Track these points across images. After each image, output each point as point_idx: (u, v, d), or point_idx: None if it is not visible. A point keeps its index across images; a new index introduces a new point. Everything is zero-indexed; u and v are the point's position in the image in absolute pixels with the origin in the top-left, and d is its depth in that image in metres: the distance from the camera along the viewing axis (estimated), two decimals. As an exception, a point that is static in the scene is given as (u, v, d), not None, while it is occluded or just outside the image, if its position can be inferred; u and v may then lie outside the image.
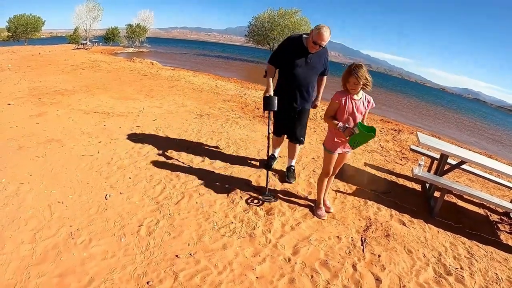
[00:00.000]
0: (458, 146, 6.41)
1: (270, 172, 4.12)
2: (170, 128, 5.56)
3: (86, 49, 27.98)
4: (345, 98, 2.90)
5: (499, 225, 3.98)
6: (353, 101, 2.92)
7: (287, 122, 3.89)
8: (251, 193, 3.60)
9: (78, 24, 40.81)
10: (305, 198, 3.68)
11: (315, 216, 3.32)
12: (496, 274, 2.91)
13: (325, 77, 3.92)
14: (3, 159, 3.70)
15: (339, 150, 3.09)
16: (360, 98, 2.95)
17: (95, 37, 41.79)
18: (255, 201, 3.43)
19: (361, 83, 2.78)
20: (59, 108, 5.99)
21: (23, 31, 41.08)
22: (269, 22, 36.64)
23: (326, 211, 3.41)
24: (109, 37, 42.82)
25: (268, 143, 3.76)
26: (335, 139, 3.03)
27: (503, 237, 3.69)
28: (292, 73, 3.61)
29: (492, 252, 3.27)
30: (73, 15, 40.69)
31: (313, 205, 3.50)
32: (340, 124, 2.90)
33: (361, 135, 2.81)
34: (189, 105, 7.58)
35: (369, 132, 2.80)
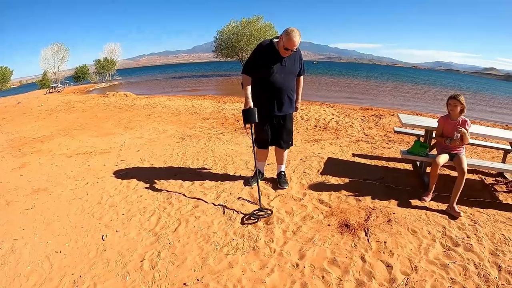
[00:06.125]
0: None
1: (262, 182, 4.11)
2: (155, 156, 5.50)
3: (58, 91, 27.54)
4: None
5: (496, 187, 4.05)
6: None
7: (272, 132, 3.79)
8: (246, 206, 3.57)
9: (46, 68, 40.11)
10: (301, 201, 3.66)
11: (321, 222, 3.31)
12: (503, 235, 2.95)
13: (301, 78, 3.83)
14: (-8, 219, 3.59)
15: None
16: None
17: (65, 78, 41.22)
18: (251, 218, 3.31)
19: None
20: (40, 156, 5.87)
21: (-8, 84, 40.35)
22: (234, 34, 36.70)
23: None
24: (79, 76, 42.44)
25: (255, 158, 3.74)
26: None
27: (502, 197, 3.76)
28: (270, 81, 3.50)
29: (494, 215, 3.32)
30: (40, 60, 40.13)
31: (310, 211, 3.49)
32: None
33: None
34: (170, 130, 7.53)
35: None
